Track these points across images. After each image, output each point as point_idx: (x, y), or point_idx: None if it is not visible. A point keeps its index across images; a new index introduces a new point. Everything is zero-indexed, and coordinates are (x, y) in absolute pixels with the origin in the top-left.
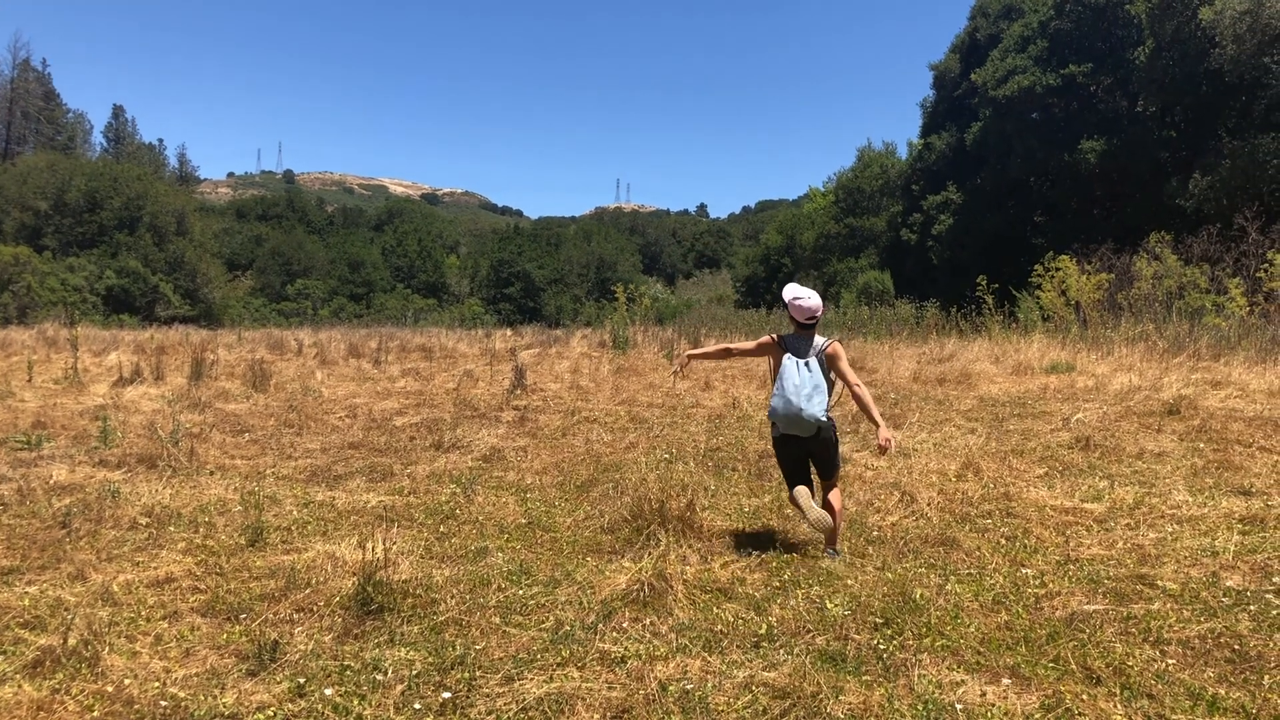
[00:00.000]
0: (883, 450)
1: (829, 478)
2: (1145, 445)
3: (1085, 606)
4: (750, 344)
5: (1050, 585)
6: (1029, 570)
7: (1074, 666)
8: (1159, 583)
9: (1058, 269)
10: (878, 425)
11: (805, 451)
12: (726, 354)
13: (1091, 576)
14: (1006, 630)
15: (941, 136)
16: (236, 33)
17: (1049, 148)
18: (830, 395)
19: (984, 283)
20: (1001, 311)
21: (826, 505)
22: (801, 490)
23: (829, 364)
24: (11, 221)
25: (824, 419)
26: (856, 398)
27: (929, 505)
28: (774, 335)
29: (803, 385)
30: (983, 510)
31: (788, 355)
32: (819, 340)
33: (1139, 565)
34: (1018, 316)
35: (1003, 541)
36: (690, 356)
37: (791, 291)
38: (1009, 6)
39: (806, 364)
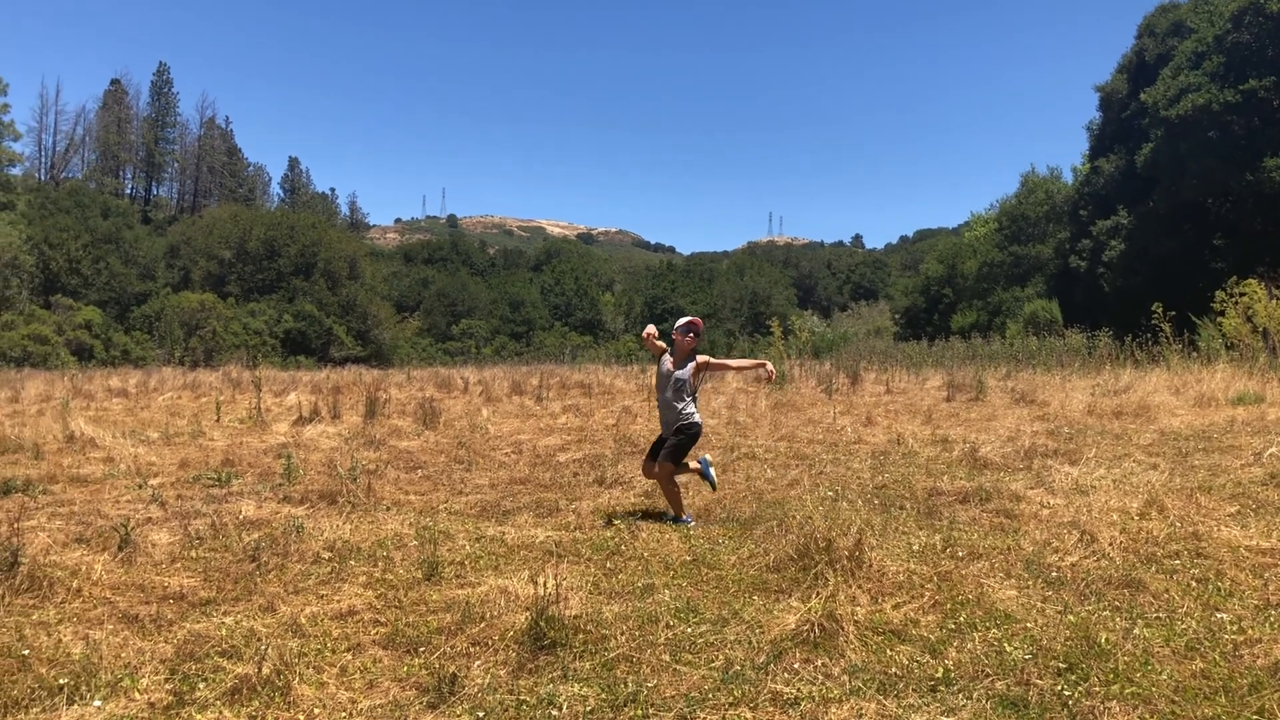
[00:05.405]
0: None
1: None
2: None
3: None
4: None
5: (1250, 631)
6: (1225, 615)
7: None
8: None
9: (1242, 294)
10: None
11: None
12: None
13: None
14: (1203, 679)
15: (1110, 159)
16: (401, 86)
17: (1228, 167)
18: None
19: (1159, 310)
20: (1180, 340)
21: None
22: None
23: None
24: (199, 270)
25: None
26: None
27: (1111, 545)
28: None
29: None
30: (1169, 550)
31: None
32: None
33: None
34: (1198, 345)
35: (1193, 584)
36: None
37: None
38: (1178, 24)
39: None
